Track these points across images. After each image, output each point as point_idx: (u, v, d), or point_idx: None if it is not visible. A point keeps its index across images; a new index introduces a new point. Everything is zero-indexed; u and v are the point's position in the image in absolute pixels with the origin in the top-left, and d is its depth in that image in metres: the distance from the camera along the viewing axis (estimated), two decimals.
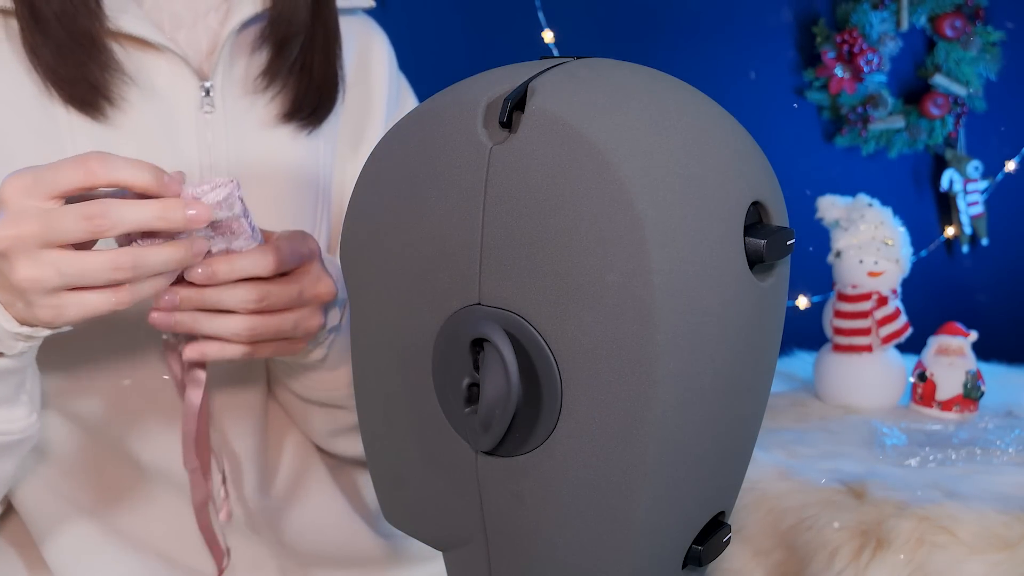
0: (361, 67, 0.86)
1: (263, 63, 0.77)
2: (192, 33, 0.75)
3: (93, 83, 0.69)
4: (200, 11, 0.75)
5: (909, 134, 2.11)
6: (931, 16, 2.09)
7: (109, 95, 0.70)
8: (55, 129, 0.70)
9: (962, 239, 2.18)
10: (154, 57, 0.72)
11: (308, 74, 0.78)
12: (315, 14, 0.78)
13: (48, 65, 0.69)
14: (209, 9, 0.76)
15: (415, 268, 0.46)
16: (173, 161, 0.72)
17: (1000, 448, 1.28)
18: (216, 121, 0.74)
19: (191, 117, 0.73)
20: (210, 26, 0.75)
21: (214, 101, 0.74)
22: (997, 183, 2.17)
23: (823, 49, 2.08)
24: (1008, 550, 1.03)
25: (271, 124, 0.78)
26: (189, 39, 0.75)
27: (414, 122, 0.47)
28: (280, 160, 0.78)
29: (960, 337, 1.47)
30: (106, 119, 0.71)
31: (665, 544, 0.45)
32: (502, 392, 0.42)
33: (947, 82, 2.08)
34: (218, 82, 0.74)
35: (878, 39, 2.05)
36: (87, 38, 0.69)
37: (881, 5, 2.06)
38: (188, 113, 0.73)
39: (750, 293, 0.43)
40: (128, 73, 0.71)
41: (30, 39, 0.68)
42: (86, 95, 0.69)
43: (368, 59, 0.87)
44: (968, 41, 2.06)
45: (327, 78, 0.80)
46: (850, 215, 1.50)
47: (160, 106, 0.73)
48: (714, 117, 0.45)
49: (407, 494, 0.51)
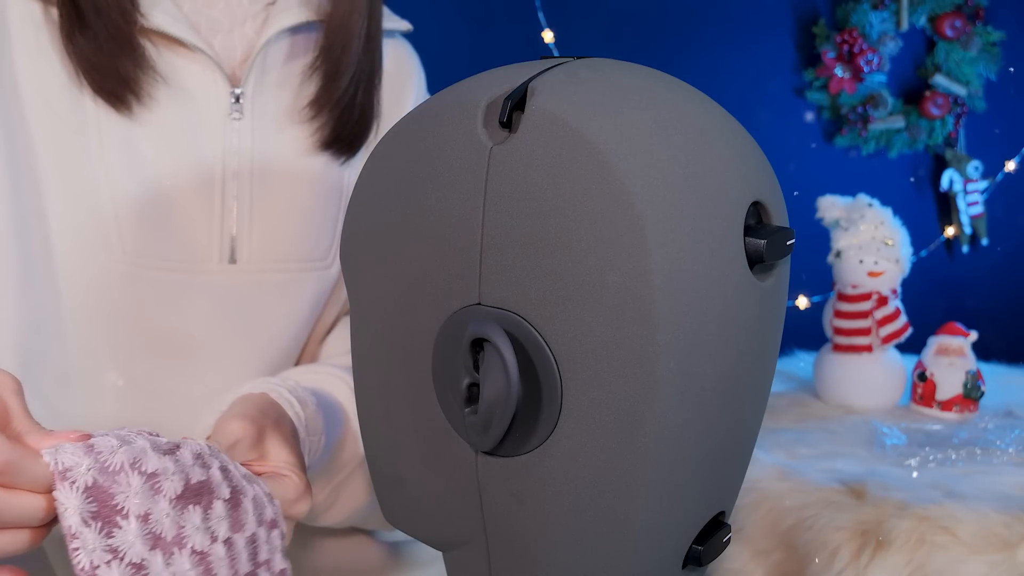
0: (393, 91, 0.85)
1: (311, 93, 0.77)
2: (228, 39, 0.75)
3: (124, 77, 0.70)
4: (238, 19, 0.76)
5: (909, 134, 2.11)
6: (931, 16, 2.09)
7: (137, 90, 0.70)
8: (82, 120, 0.70)
9: (962, 239, 2.18)
10: (187, 59, 0.73)
11: (351, 107, 0.78)
12: (366, 48, 0.78)
13: (82, 54, 0.69)
14: (247, 17, 0.76)
15: (415, 268, 0.46)
16: (194, 162, 0.72)
17: (1000, 448, 1.28)
18: (243, 128, 0.74)
19: (219, 121, 0.73)
20: (246, 34, 0.76)
21: (243, 108, 0.74)
22: (997, 183, 2.17)
23: (823, 49, 2.08)
24: (1008, 550, 1.03)
25: (305, 151, 0.78)
26: (224, 45, 0.75)
27: (414, 122, 0.47)
28: (305, 175, 0.78)
29: (960, 337, 1.47)
30: (132, 114, 0.71)
31: (665, 544, 0.45)
32: (502, 392, 0.42)
33: (947, 82, 2.08)
34: (249, 90, 0.74)
35: (878, 39, 2.05)
36: (122, 33, 0.69)
37: (881, 5, 2.06)
38: (216, 117, 0.73)
39: (750, 293, 0.43)
40: (159, 71, 0.71)
41: (68, 28, 0.69)
42: (115, 88, 0.70)
43: (401, 85, 0.86)
44: (968, 41, 2.06)
45: (365, 110, 0.80)
46: (850, 215, 1.50)
47: (188, 107, 0.73)
48: (714, 117, 0.45)
49: (407, 494, 0.51)
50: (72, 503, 0.43)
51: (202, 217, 0.73)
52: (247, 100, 0.74)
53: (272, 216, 0.75)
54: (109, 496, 0.44)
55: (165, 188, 0.72)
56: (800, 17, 2.14)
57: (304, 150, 0.77)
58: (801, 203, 1.28)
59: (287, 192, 0.76)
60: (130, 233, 0.71)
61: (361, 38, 0.77)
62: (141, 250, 0.71)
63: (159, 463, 0.47)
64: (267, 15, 0.76)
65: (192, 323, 0.74)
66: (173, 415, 0.73)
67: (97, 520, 0.44)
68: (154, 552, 0.45)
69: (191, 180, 0.73)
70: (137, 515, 0.45)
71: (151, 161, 0.71)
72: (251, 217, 0.74)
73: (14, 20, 0.69)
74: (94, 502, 0.44)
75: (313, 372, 0.76)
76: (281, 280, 0.76)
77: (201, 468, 0.49)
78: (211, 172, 0.73)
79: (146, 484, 0.45)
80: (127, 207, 0.71)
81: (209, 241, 0.73)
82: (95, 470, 0.44)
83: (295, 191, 0.76)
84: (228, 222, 0.74)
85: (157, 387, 0.75)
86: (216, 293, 0.74)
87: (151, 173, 0.71)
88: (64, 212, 0.70)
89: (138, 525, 0.45)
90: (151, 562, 0.45)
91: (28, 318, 0.69)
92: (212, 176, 0.73)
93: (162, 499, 0.46)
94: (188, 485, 0.48)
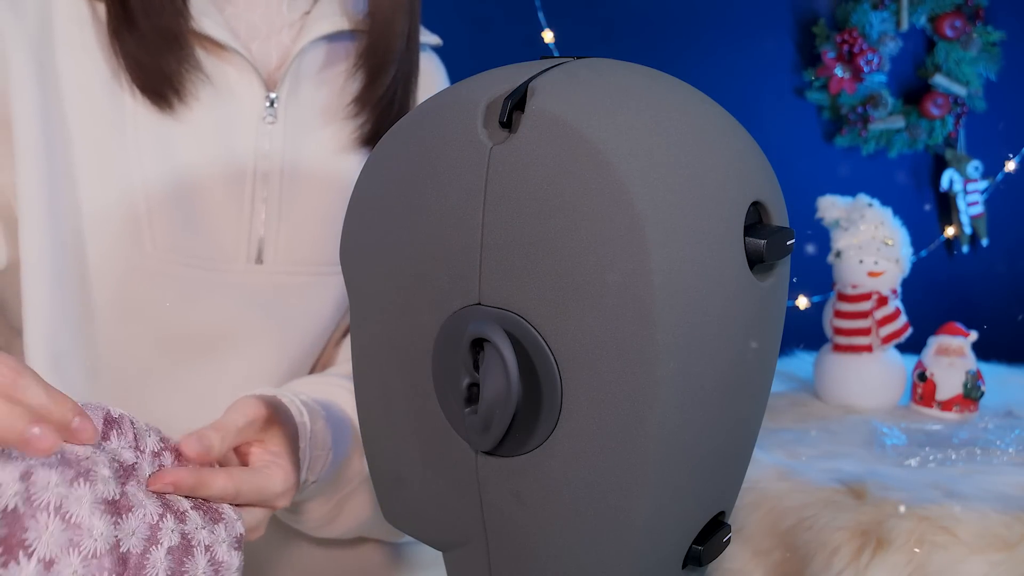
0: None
1: (355, 91, 0.78)
2: (265, 45, 0.77)
3: (168, 75, 0.71)
4: (276, 26, 0.77)
5: (909, 134, 2.11)
6: (931, 16, 2.09)
7: (179, 89, 0.72)
8: (120, 116, 0.71)
9: (962, 239, 2.18)
10: (225, 61, 0.74)
11: (392, 104, 0.80)
12: (407, 47, 0.79)
13: (129, 52, 0.70)
14: (284, 25, 0.77)
15: (415, 268, 0.46)
16: (227, 163, 0.73)
17: (1000, 448, 1.28)
18: (276, 132, 0.75)
19: (252, 124, 0.75)
20: (282, 42, 0.77)
21: (277, 112, 0.75)
22: (997, 183, 2.17)
23: (823, 49, 2.08)
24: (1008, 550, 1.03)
25: (342, 149, 0.79)
26: (261, 51, 0.76)
27: (414, 122, 0.47)
28: (335, 178, 0.79)
29: (960, 337, 1.47)
30: (172, 112, 0.72)
31: (665, 544, 0.45)
32: (502, 392, 0.42)
33: (947, 82, 2.08)
34: (283, 95, 0.75)
35: (878, 39, 2.05)
36: (171, 33, 0.71)
37: (881, 5, 2.06)
38: (250, 120, 0.75)
39: (750, 293, 0.43)
40: (205, 71, 0.73)
41: (115, 26, 0.70)
42: (158, 85, 0.71)
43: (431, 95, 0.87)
44: (968, 41, 2.06)
45: (403, 108, 0.81)
46: (850, 215, 1.50)
47: (224, 109, 0.74)
48: (714, 117, 0.45)
49: (407, 494, 0.51)
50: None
51: (231, 217, 0.74)
52: (281, 104, 0.75)
53: (299, 220, 0.76)
54: (22, 528, 0.43)
55: (196, 187, 0.73)
56: (800, 17, 2.14)
57: (341, 148, 0.78)
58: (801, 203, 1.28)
59: (315, 197, 0.77)
60: (160, 229, 0.72)
61: (404, 37, 0.78)
62: (170, 246, 0.72)
63: (90, 520, 0.45)
64: (303, 24, 0.78)
65: (217, 320, 0.75)
66: (193, 411, 0.73)
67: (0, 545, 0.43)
68: None
69: (222, 180, 0.74)
70: (41, 559, 0.43)
71: (184, 160, 0.73)
72: (279, 220, 0.76)
73: (59, 16, 0.71)
74: (4, 527, 0.43)
75: (322, 383, 0.77)
76: (306, 282, 0.77)
77: (144, 542, 0.48)
78: (242, 174, 0.74)
79: (64, 533, 0.44)
80: (159, 203, 0.72)
81: (236, 241, 0.74)
82: (20, 497, 0.43)
83: (323, 196, 0.78)
84: (256, 224, 0.75)
85: (178, 382, 0.76)
86: (241, 292, 0.75)
87: (184, 172, 0.73)
88: (97, 205, 0.71)
89: (37, 569, 0.43)
90: None
91: (59, 310, 0.70)
92: (243, 177, 0.74)
93: (75, 554, 0.45)
94: (115, 552, 0.46)
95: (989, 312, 2.09)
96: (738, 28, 2.14)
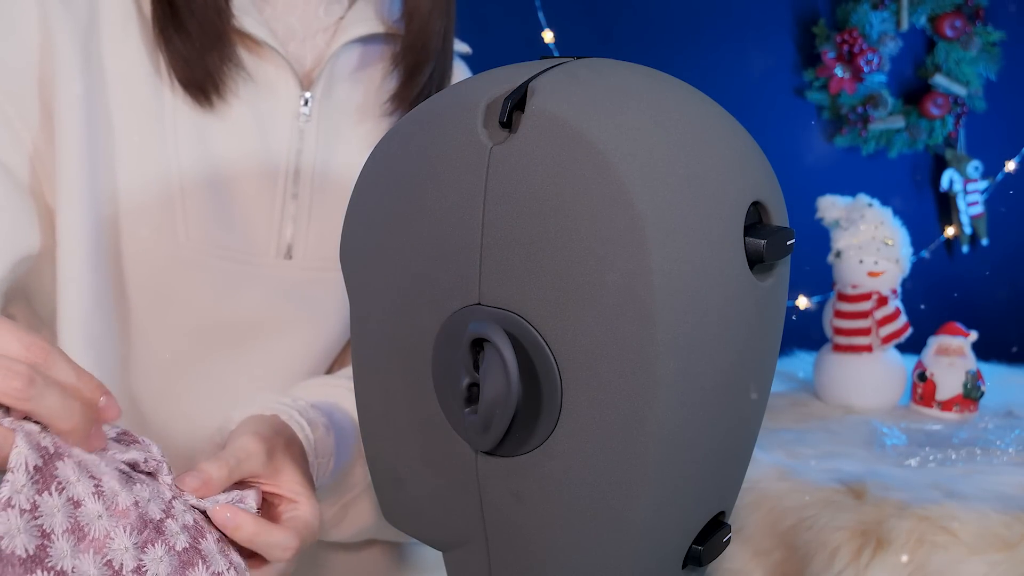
0: None
1: (392, 88, 0.79)
2: (301, 47, 0.78)
3: (210, 71, 0.72)
4: (312, 28, 0.78)
5: (909, 134, 2.11)
6: (931, 16, 2.09)
7: (219, 85, 0.73)
8: (160, 108, 0.72)
9: (962, 239, 2.18)
10: (264, 59, 0.75)
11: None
12: (443, 45, 0.81)
13: (173, 47, 0.72)
14: (319, 29, 0.79)
15: (415, 268, 0.46)
16: (261, 160, 0.75)
17: (1000, 448, 1.28)
18: (309, 131, 0.77)
19: (287, 122, 0.76)
20: (317, 44, 0.78)
21: (311, 112, 0.76)
22: (997, 183, 2.17)
23: (823, 49, 2.09)
24: (1008, 550, 1.03)
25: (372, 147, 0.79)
26: (297, 51, 0.78)
27: (414, 122, 0.47)
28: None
29: (960, 337, 1.47)
30: (211, 107, 0.73)
31: (665, 544, 0.45)
32: (502, 392, 0.42)
33: (947, 82, 2.08)
34: (317, 95, 0.77)
35: (878, 39, 2.05)
36: (215, 30, 0.72)
37: (881, 5, 2.06)
38: (285, 118, 0.76)
39: (750, 293, 0.43)
40: (246, 69, 0.74)
41: (161, 21, 0.72)
42: (201, 81, 0.72)
43: None
44: (968, 41, 2.06)
45: None
46: (850, 215, 1.50)
47: (261, 107, 0.75)
48: (714, 117, 0.45)
49: (407, 494, 0.51)
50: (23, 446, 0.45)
51: (263, 213, 0.75)
52: (315, 103, 0.77)
53: (329, 217, 0.77)
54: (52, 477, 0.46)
55: (230, 181, 0.74)
56: (800, 17, 2.14)
57: (374, 146, 0.79)
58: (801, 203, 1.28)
59: (346, 195, 0.77)
60: (194, 220, 0.73)
61: (440, 35, 0.80)
62: (203, 237, 0.73)
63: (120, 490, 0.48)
64: (337, 27, 0.79)
65: (245, 313, 0.76)
66: (216, 403, 0.74)
67: (38, 473, 0.45)
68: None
69: (256, 176, 0.75)
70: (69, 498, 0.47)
71: (220, 154, 0.74)
72: (309, 217, 0.77)
73: (106, 9, 0.72)
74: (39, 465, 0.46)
75: (328, 386, 0.77)
76: (333, 279, 0.78)
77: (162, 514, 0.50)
78: (275, 170, 0.75)
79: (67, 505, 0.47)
80: (194, 195, 0.73)
81: (268, 236, 0.76)
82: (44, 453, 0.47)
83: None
84: (287, 220, 0.76)
85: (209, 371, 0.77)
86: (270, 286, 0.76)
87: (219, 165, 0.74)
88: (134, 194, 0.72)
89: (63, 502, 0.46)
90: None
91: (94, 296, 0.71)
92: (276, 174, 0.75)
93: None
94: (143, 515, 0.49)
95: (989, 312, 2.09)
96: (738, 28, 2.14)
